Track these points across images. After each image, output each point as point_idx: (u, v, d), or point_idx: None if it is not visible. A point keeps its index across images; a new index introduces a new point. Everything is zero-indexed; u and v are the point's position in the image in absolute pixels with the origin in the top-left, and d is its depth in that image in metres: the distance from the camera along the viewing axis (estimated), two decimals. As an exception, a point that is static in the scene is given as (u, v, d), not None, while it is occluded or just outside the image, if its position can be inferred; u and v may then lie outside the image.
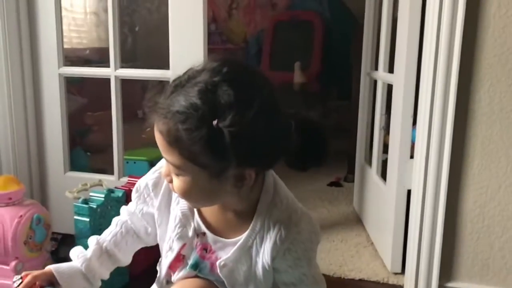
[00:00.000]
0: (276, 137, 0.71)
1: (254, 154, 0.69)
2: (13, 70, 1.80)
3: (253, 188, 0.78)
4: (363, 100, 2.24)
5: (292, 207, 0.82)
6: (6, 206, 1.39)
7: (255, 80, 0.73)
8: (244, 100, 0.67)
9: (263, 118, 0.68)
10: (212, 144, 0.66)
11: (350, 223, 2.13)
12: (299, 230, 0.79)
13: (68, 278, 0.86)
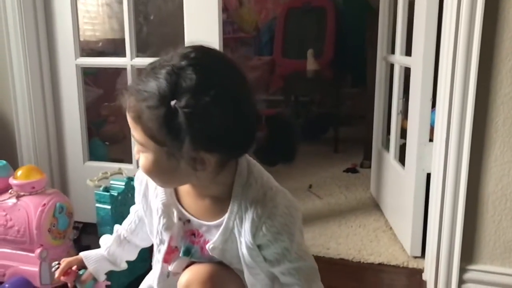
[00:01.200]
0: (236, 127, 0.72)
1: (210, 139, 0.71)
2: (31, 63, 1.82)
3: (224, 173, 0.81)
4: (379, 85, 2.21)
5: (267, 185, 0.83)
6: (29, 195, 1.42)
7: (222, 69, 0.75)
8: (203, 85, 0.69)
9: (221, 106, 0.70)
10: (168, 122, 0.69)
11: (368, 209, 2.13)
12: (275, 204, 0.81)
13: (95, 262, 1.02)
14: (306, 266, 0.87)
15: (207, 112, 0.69)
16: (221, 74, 0.73)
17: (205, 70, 0.71)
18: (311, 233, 1.87)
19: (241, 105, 0.74)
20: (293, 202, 0.85)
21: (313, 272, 0.88)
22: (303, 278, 0.85)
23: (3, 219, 1.41)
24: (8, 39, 1.80)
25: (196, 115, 0.68)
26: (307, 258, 0.87)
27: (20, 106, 1.84)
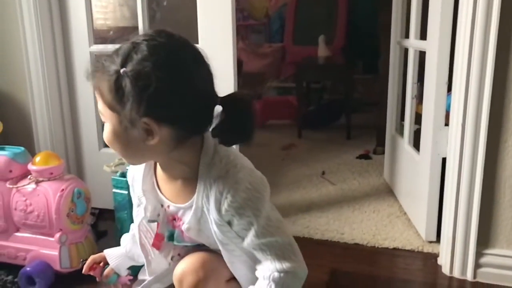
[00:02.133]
0: (182, 100, 0.75)
1: (152, 105, 0.74)
2: (46, 51, 1.83)
3: (189, 152, 0.84)
4: (393, 70, 2.20)
5: (232, 163, 0.84)
6: (48, 180, 1.44)
7: (175, 46, 0.78)
8: (150, 54, 0.74)
9: (163, 73, 0.73)
10: (117, 88, 0.75)
11: (382, 194, 2.12)
12: (237, 180, 0.82)
13: (116, 259, 1.12)
14: (278, 242, 0.85)
15: (148, 77, 0.73)
16: (172, 49, 0.76)
17: (157, 44, 0.76)
18: (324, 218, 1.88)
19: (189, 80, 0.76)
20: (258, 179, 0.85)
21: (288, 249, 0.87)
22: (274, 254, 0.85)
23: (23, 204, 1.44)
24: (23, 27, 1.81)
25: (138, 79, 0.73)
26: (279, 234, 0.85)
27: (36, 94, 1.87)
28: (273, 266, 0.86)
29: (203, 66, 0.80)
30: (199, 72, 0.79)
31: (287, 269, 0.85)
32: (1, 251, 1.49)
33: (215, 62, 1.70)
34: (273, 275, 0.86)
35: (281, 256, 0.85)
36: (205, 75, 0.80)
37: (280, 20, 4.69)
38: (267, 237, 0.84)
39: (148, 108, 0.74)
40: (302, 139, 3.15)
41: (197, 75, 0.78)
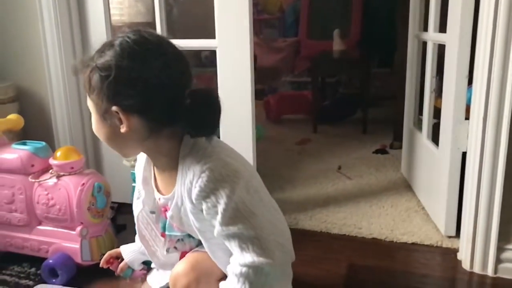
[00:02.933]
0: (146, 90, 0.79)
1: (118, 93, 0.80)
2: (65, 46, 1.85)
3: (168, 144, 0.88)
4: (411, 64, 2.17)
5: (206, 155, 0.86)
6: (69, 175, 1.46)
7: (143, 44, 0.81)
8: (117, 52, 0.79)
9: (127, 69, 0.78)
10: (89, 80, 0.83)
11: (399, 189, 2.11)
12: (205, 170, 0.83)
13: (130, 254, 1.20)
14: (244, 234, 0.84)
15: (110, 68, 0.79)
16: (139, 45, 0.80)
17: (128, 41, 0.80)
18: (342, 213, 1.87)
19: (150, 73, 0.79)
20: (230, 171, 0.85)
21: (254, 242, 0.84)
22: (238, 246, 0.84)
23: (45, 198, 1.46)
24: (42, 23, 1.83)
25: (101, 70, 0.80)
26: (245, 227, 0.84)
27: (55, 90, 1.89)
28: (237, 259, 0.86)
29: (172, 62, 0.82)
30: (165, 67, 0.81)
31: (249, 263, 0.84)
32: (25, 244, 1.52)
33: (231, 56, 1.71)
34: (235, 268, 0.85)
35: (245, 249, 0.84)
36: (173, 70, 0.82)
37: (294, 14, 4.66)
38: (231, 227, 0.84)
39: (113, 97, 0.80)
40: (317, 133, 3.14)
41: (162, 69, 0.80)
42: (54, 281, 1.43)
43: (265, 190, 1.03)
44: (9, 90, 1.89)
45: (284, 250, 1.04)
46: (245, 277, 0.84)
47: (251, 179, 0.92)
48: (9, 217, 1.52)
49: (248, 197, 0.86)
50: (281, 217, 1.10)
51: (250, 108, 1.73)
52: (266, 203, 1.00)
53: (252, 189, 0.90)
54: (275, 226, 1.01)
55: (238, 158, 0.94)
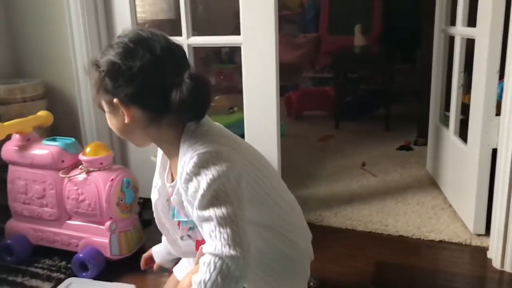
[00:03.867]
0: (142, 85, 0.85)
1: (114, 87, 0.86)
2: (92, 44, 1.88)
3: (170, 132, 0.91)
4: (437, 59, 2.14)
5: (200, 142, 0.87)
6: (98, 170, 1.48)
7: (137, 41, 0.85)
8: (115, 50, 0.85)
9: (120, 63, 0.84)
10: (95, 77, 0.88)
11: (425, 186, 2.08)
12: (193, 155, 0.85)
13: (159, 255, 1.24)
14: (217, 222, 0.81)
15: (106, 64, 0.85)
16: (134, 42, 0.85)
17: (125, 39, 0.86)
18: (367, 210, 1.86)
19: (144, 65, 0.84)
20: (218, 159, 0.84)
21: (225, 231, 0.80)
22: (208, 232, 0.82)
23: (75, 193, 1.49)
24: (70, 22, 1.86)
25: (99, 66, 0.86)
26: (220, 213, 0.81)
27: (82, 87, 1.92)
28: (205, 246, 0.83)
29: (162, 54, 0.86)
30: (155, 59, 0.85)
31: (213, 252, 0.80)
32: (55, 238, 1.55)
33: (256, 53, 1.71)
34: (204, 256, 0.82)
35: (213, 237, 0.81)
36: (163, 62, 0.86)
37: (315, 9, 4.62)
38: (205, 211, 0.82)
39: (112, 90, 0.86)
40: (339, 130, 3.12)
41: (151, 62, 0.85)
42: (84, 274, 1.46)
43: (275, 183, 1.00)
44: (38, 87, 1.93)
45: (295, 247, 1.01)
46: (207, 265, 0.80)
47: (247, 169, 0.91)
48: (40, 211, 1.56)
49: (231, 187, 0.84)
50: (296, 214, 1.06)
51: (275, 104, 1.73)
52: (274, 197, 0.98)
53: (244, 181, 0.89)
54: (285, 221, 1.00)
55: (238, 148, 0.92)
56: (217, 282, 0.79)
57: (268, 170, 0.99)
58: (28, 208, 1.58)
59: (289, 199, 1.06)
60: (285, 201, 1.02)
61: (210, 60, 4.28)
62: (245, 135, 1.80)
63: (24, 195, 1.57)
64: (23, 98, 1.87)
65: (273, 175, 1.01)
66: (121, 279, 1.44)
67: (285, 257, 1.00)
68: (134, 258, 1.54)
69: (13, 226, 1.62)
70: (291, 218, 1.03)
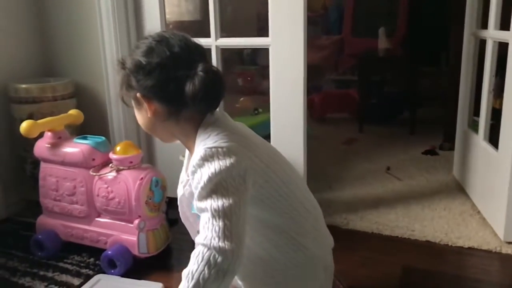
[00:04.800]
0: (162, 82, 0.90)
1: (136, 83, 0.92)
2: (121, 45, 1.91)
3: (188, 126, 0.94)
4: (467, 63, 2.10)
5: (213, 137, 0.89)
6: (128, 169, 1.50)
7: (157, 42, 0.91)
8: (137, 50, 0.92)
9: (141, 62, 0.90)
10: (123, 75, 0.95)
11: (452, 192, 2.05)
12: (201, 149, 0.87)
13: None
14: (211, 214, 0.82)
15: (129, 63, 0.92)
16: (155, 42, 0.91)
17: (146, 40, 0.92)
18: (393, 214, 1.84)
19: (168, 72, 0.89)
20: (224, 154, 0.86)
21: (218, 225, 0.81)
22: (202, 222, 0.83)
23: (105, 191, 1.51)
24: (101, 23, 1.90)
25: (123, 65, 0.93)
26: (216, 206, 0.82)
27: (111, 86, 1.95)
28: (197, 236, 0.83)
29: (178, 52, 0.91)
30: (171, 56, 0.90)
31: (202, 242, 0.80)
32: (84, 235, 1.58)
33: (284, 54, 1.71)
34: (196, 248, 0.83)
35: (205, 228, 0.81)
36: (178, 59, 0.90)
37: (338, 11, 4.60)
38: (202, 202, 0.84)
39: (135, 86, 0.92)
40: (363, 133, 3.09)
41: (168, 58, 0.90)
42: (112, 271, 1.48)
43: (292, 185, 0.98)
44: (69, 86, 1.97)
45: (305, 252, 0.98)
46: (196, 256, 0.80)
47: (257, 168, 0.90)
48: (70, 208, 1.59)
49: (233, 183, 0.85)
50: (312, 218, 1.03)
51: (301, 106, 1.73)
52: (288, 198, 0.96)
53: (250, 179, 0.88)
54: (297, 224, 0.98)
55: (251, 146, 0.92)
56: (204, 273, 0.79)
57: (285, 171, 0.99)
58: (58, 204, 1.61)
59: (307, 202, 1.03)
60: (301, 203, 1.00)
61: (232, 61, 4.30)
62: (271, 136, 1.80)
63: (55, 192, 1.61)
64: (54, 97, 1.91)
65: (290, 176, 0.99)
66: (149, 277, 1.46)
67: (291, 261, 0.97)
68: (161, 256, 1.56)
69: (44, 222, 1.65)
70: (306, 222, 1.01)
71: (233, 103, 2.63)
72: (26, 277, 1.49)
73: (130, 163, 1.51)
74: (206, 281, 0.78)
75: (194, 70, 0.88)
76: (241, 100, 2.60)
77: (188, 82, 0.88)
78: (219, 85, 0.92)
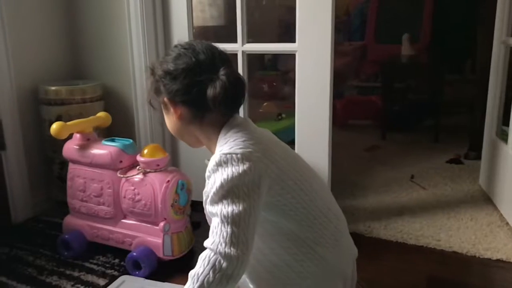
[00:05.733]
0: (185, 87, 0.93)
1: (162, 88, 0.95)
2: (149, 50, 1.93)
3: (211, 130, 0.96)
4: (496, 71, 2.06)
5: (230, 143, 0.90)
6: (154, 171, 1.52)
7: (183, 50, 0.95)
8: (170, 58, 0.95)
9: (177, 74, 0.93)
10: (152, 81, 0.98)
11: (478, 202, 2.01)
12: (217, 153, 0.88)
13: None
14: (220, 219, 0.83)
15: (159, 69, 0.96)
16: (188, 51, 0.94)
17: (176, 48, 0.96)
18: (418, 223, 1.82)
19: (192, 76, 0.92)
20: (238, 160, 0.86)
21: (227, 230, 0.82)
22: (212, 226, 0.85)
23: (132, 193, 1.53)
24: (130, 29, 1.93)
25: (160, 73, 0.95)
26: (226, 212, 0.83)
27: (138, 90, 1.98)
28: (207, 240, 0.85)
29: (203, 59, 0.94)
30: (195, 63, 0.93)
31: (210, 246, 0.83)
32: (110, 236, 1.60)
33: (311, 60, 1.71)
34: (205, 250, 0.85)
35: (213, 232, 0.84)
36: (202, 65, 0.93)
37: (361, 17, 4.58)
38: (212, 207, 0.86)
39: (163, 91, 0.95)
40: (386, 140, 3.06)
41: (195, 64, 0.93)
42: (137, 273, 1.49)
43: (312, 193, 0.96)
44: (97, 89, 2.00)
45: (321, 261, 0.95)
46: (203, 260, 0.83)
47: (272, 175, 0.90)
48: (97, 209, 1.61)
49: (245, 189, 0.85)
50: (332, 228, 0.99)
51: (327, 112, 1.72)
52: (307, 206, 0.94)
53: (265, 186, 0.88)
54: (316, 233, 0.95)
55: (268, 153, 0.92)
56: (209, 276, 0.81)
57: (306, 179, 0.97)
58: (85, 205, 1.63)
59: (329, 212, 1.00)
60: (321, 212, 0.97)
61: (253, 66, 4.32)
62: (296, 143, 1.80)
63: (82, 192, 1.63)
64: (82, 99, 1.94)
65: (311, 185, 0.97)
66: (172, 280, 1.47)
67: (307, 270, 0.94)
68: (184, 259, 1.57)
69: (70, 222, 1.68)
70: (325, 232, 0.97)
71: (256, 108, 2.64)
72: (53, 276, 1.51)
73: (157, 166, 1.53)
74: (210, 284, 0.81)
75: (216, 75, 0.91)
76: (264, 105, 2.61)
77: (210, 85, 0.90)
78: (239, 89, 0.94)
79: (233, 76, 0.92)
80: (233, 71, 0.94)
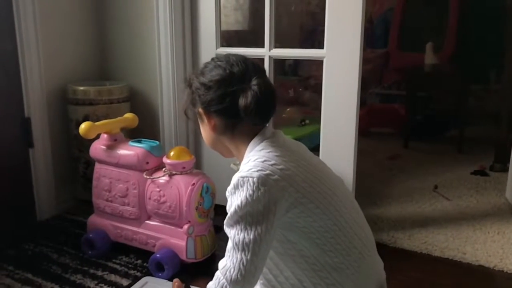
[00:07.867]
0: (220, 99, 0.94)
1: (202, 102, 0.97)
2: (177, 53, 1.95)
3: (241, 141, 0.97)
4: (526, 82, 2.03)
5: (251, 162, 0.90)
6: (180, 174, 1.53)
7: (217, 64, 0.97)
8: (202, 71, 0.98)
9: (211, 85, 0.95)
10: (188, 93, 1.01)
11: (505, 215, 1.97)
12: (235, 178, 0.88)
13: None
14: (233, 242, 0.86)
15: (195, 82, 0.98)
16: (222, 62, 0.97)
17: (211, 61, 0.98)
18: (443, 235, 1.79)
19: (225, 87, 0.93)
20: (256, 187, 0.86)
21: (237, 258, 0.86)
22: (227, 249, 0.88)
23: (157, 194, 1.54)
24: (158, 32, 1.96)
25: (196, 85, 0.97)
26: (239, 237, 0.85)
27: (165, 93, 2.00)
28: (221, 260, 0.90)
29: (239, 69, 0.95)
30: (231, 73, 0.95)
31: (221, 270, 0.88)
32: (134, 236, 1.61)
33: (339, 67, 1.70)
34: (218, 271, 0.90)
35: (226, 255, 0.88)
36: (234, 77, 0.94)
37: (384, 25, 4.54)
38: (228, 229, 0.88)
39: (198, 102, 0.97)
40: (408, 149, 3.03)
41: (228, 75, 0.94)
42: (160, 275, 1.50)
43: (336, 214, 0.92)
44: (124, 90, 2.03)
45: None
46: (215, 279, 0.89)
47: (290, 199, 0.87)
48: (122, 209, 1.62)
49: (260, 215, 0.85)
50: (356, 254, 0.93)
51: (354, 120, 1.71)
52: (330, 229, 0.90)
53: (283, 209, 0.87)
54: (336, 258, 0.90)
55: (291, 173, 0.89)
56: None
57: (331, 202, 0.92)
58: (110, 205, 1.65)
59: (355, 237, 0.94)
60: (346, 237, 0.92)
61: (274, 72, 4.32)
62: (320, 149, 1.79)
63: (108, 192, 1.65)
64: (109, 100, 1.97)
65: (336, 209, 0.92)
66: (195, 283, 1.46)
67: None
68: (206, 263, 1.57)
69: (95, 222, 1.70)
70: (348, 257, 0.91)
71: (279, 113, 2.64)
72: (77, 274, 1.53)
73: (183, 168, 1.53)
74: None
75: (248, 85, 0.93)
76: (287, 110, 2.60)
77: (241, 95, 0.92)
78: (270, 99, 0.95)
79: (265, 86, 0.94)
80: (265, 81, 0.95)
